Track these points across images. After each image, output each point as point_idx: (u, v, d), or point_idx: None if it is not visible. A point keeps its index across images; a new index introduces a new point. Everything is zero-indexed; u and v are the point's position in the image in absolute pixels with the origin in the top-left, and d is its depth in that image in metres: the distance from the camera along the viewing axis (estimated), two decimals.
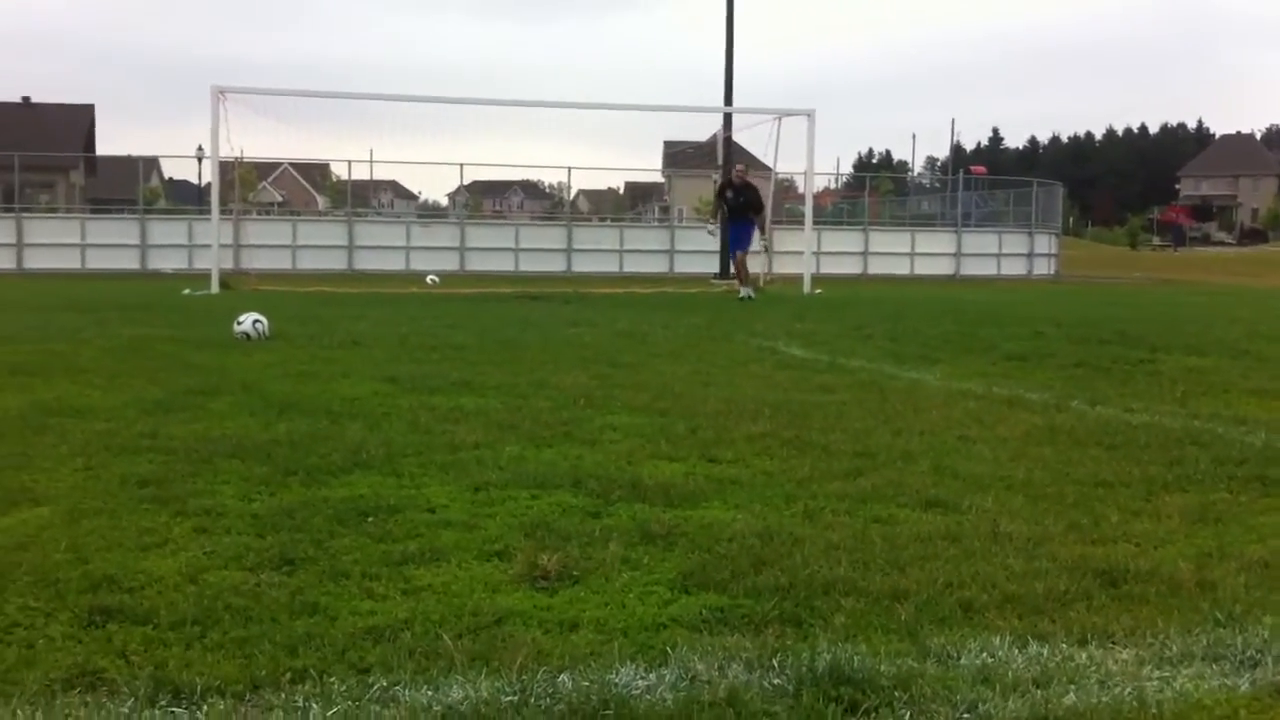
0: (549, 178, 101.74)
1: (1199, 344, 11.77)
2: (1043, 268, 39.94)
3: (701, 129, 40.67)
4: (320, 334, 12.06)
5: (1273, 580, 3.71)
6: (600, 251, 35.71)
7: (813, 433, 6.26)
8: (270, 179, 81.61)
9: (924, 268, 37.52)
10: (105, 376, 8.35)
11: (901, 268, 37.40)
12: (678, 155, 61.85)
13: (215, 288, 21.94)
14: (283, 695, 2.73)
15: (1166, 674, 2.92)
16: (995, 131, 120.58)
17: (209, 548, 3.94)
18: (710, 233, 21.13)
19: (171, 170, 79.80)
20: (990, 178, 50.49)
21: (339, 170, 56.06)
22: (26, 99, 63.32)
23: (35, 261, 33.15)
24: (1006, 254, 39.04)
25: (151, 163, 62.21)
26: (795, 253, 28.20)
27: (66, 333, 11.87)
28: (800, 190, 70.07)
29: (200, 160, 58.41)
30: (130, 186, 46.84)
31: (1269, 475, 5.29)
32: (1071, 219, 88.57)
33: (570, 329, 13.36)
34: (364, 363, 9.49)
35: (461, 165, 37.14)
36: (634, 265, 35.08)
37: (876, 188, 66.66)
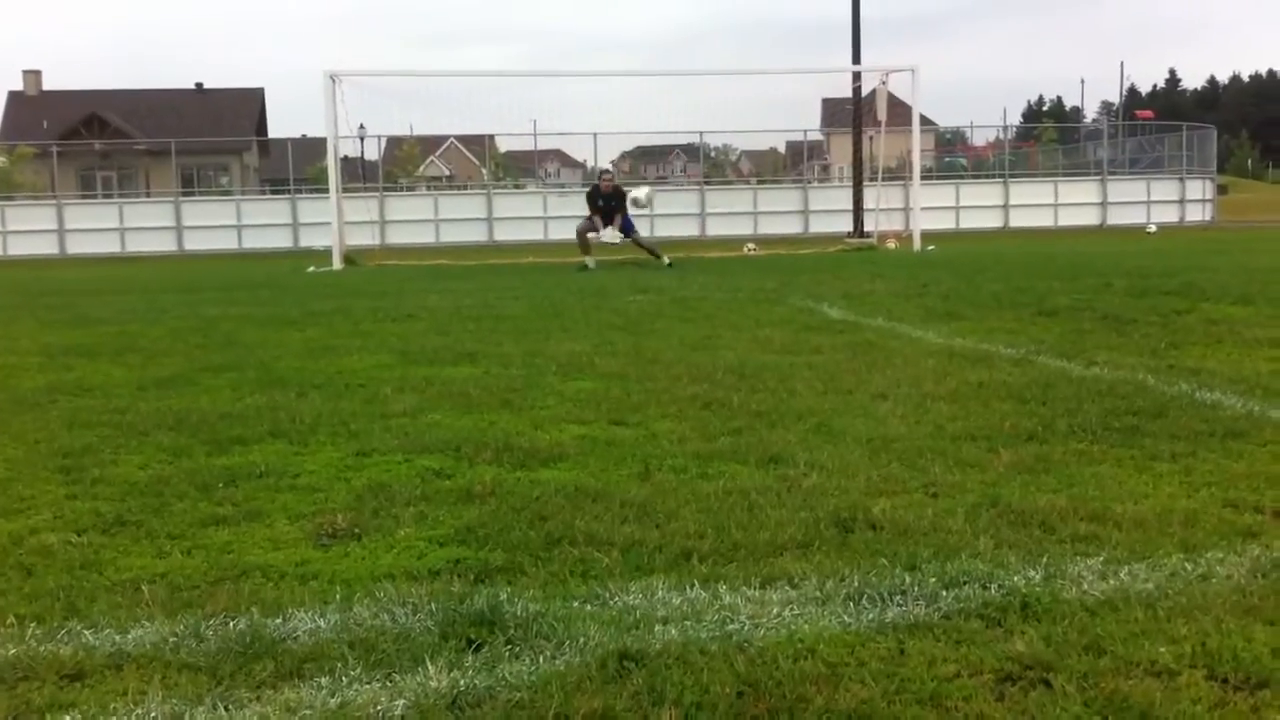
0: (714, 140, 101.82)
1: (1253, 292, 11.54)
2: (1196, 214, 38.69)
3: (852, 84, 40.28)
4: (384, 308, 12.61)
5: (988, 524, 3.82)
6: (733, 215, 35.75)
7: (741, 394, 6.44)
8: (438, 153, 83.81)
9: (1068, 219, 36.71)
10: (144, 356, 8.94)
11: (1044, 220, 36.66)
12: (837, 113, 61.41)
13: (337, 264, 22.84)
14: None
15: (800, 613, 3.10)
16: (1172, 73, 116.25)
17: (62, 512, 4.36)
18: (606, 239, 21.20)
19: (345, 149, 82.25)
20: (1132, 123, 48.95)
21: (502, 143, 57.29)
22: (199, 85, 65.90)
23: (194, 243, 34.85)
24: (1156, 201, 37.89)
25: (320, 143, 64.24)
26: (933, 208, 28.02)
27: (151, 315, 12.68)
28: (968, 142, 68.49)
29: (362, 140, 60.17)
30: (303, 166, 48.61)
31: (1145, 427, 5.30)
32: (1250, 161, 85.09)
33: (631, 296, 13.66)
34: (397, 336, 9.95)
35: (620, 133, 37.73)
36: (768, 227, 35.07)
37: (1037, 137, 65.35)
